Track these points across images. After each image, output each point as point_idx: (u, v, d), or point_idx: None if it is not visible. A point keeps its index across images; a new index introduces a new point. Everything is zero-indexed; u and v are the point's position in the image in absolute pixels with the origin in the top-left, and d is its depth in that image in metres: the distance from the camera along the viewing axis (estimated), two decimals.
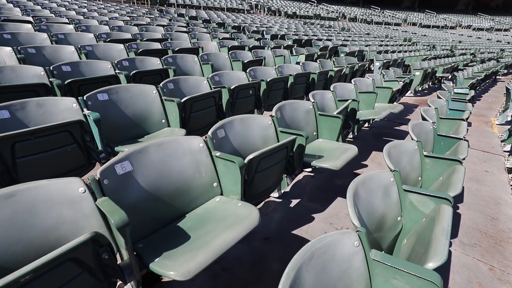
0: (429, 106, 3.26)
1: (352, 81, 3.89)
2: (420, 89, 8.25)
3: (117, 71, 3.16)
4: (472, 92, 4.72)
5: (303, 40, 9.47)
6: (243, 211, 1.53)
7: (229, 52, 4.79)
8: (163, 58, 3.69)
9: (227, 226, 1.41)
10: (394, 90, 4.16)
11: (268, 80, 3.44)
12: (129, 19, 7.92)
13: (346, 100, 3.19)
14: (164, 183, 1.55)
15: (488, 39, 29.25)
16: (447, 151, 2.65)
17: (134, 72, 3.05)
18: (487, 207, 2.84)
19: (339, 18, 31.37)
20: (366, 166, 3.34)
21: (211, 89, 3.13)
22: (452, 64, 9.17)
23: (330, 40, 10.80)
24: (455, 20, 39.62)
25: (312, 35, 11.46)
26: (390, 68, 5.54)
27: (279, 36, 9.89)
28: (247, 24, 12.03)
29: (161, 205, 1.52)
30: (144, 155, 1.50)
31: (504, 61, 14.01)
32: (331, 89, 3.37)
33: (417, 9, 42.75)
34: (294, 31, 11.82)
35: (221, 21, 11.91)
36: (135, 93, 2.45)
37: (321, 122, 2.78)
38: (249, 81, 3.61)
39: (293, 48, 6.25)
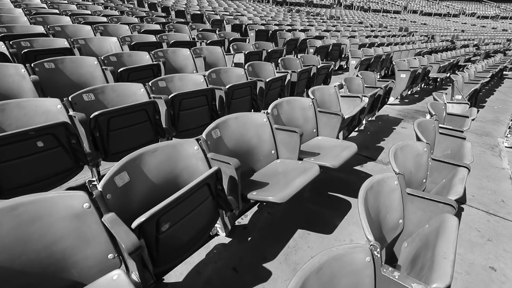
0: (393, 170, 1.69)
1: (271, 107, 2.30)
2: (409, 93, 6.62)
3: None
4: (475, 113, 3.13)
5: (270, 31, 7.78)
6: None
7: (104, 56, 3.18)
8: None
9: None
10: (346, 117, 2.58)
11: (95, 115, 1.86)
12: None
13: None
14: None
15: (493, 28, 27.24)
16: None
17: None
18: None
19: (334, 5, 29.31)
20: (267, 275, 1.78)
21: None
22: (451, 61, 7.48)
23: (307, 30, 9.08)
24: (458, 7, 37.38)
25: (287, 25, 9.72)
26: (358, 75, 3.91)
27: (243, 26, 8.20)
28: (214, 13, 10.28)
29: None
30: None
31: None
32: (207, 132, 1.80)
33: None
34: (267, 20, 10.08)
35: (183, 9, 10.17)
36: None
37: None
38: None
39: (231, 45, 4.61)
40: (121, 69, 2.95)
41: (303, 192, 2.68)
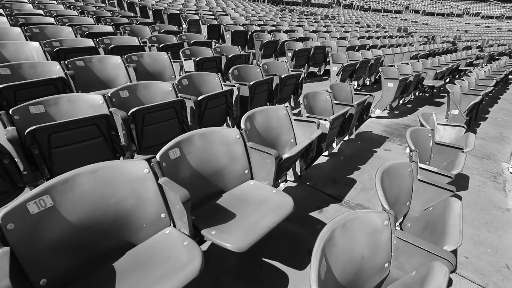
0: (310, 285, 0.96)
1: (168, 146, 1.57)
2: (401, 102, 5.85)
3: None
4: (471, 142, 2.38)
5: (249, 33, 7.05)
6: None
7: None
8: None
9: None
10: (285, 157, 1.84)
11: None
12: None
13: None
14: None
15: (498, 28, 26.31)
16: None
17: None
18: None
19: (333, 5, 28.53)
20: None
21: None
22: (450, 65, 6.69)
23: (292, 31, 8.33)
24: (462, 7, 36.44)
25: (272, 25, 8.98)
26: (328, 89, 3.15)
27: (222, 26, 7.48)
28: (194, 12, 9.57)
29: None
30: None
31: None
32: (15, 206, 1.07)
33: None
34: (251, 21, 9.35)
35: (159, 8, 9.47)
36: None
37: None
38: None
39: (182, 50, 3.87)
40: (1, 86, 2.23)
41: (227, 259, 1.95)
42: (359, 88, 6.41)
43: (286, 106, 2.38)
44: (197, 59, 3.64)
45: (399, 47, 8.27)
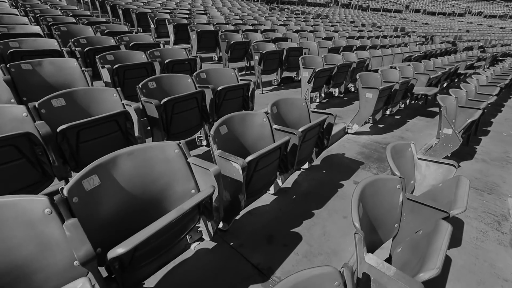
0: None
1: None
2: (388, 113, 5.01)
3: None
4: (463, 196, 1.56)
5: (221, 32, 6.24)
6: None
7: None
8: None
9: None
10: (116, 253, 1.02)
11: None
12: None
13: None
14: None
15: (501, 28, 25.37)
16: None
17: None
18: None
19: (330, 4, 27.73)
20: None
21: None
22: (447, 70, 5.84)
23: (272, 31, 7.51)
24: (464, 6, 35.48)
25: (250, 25, 8.17)
26: (269, 110, 2.33)
27: (192, 25, 6.68)
28: (168, 11, 8.79)
29: None
30: None
31: None
32: None
33: None
34: (228, 20, 8.55)
35: (129, 7, 8.71)
36: None
37: None
38: None
39: (100, 56, 3.07)
40: None
41: None
42: (341, 95, 5.58)
43: (179, 142, 1.57)
44: (115, 67, 2.83)
45: (391, 48, 7.43)
